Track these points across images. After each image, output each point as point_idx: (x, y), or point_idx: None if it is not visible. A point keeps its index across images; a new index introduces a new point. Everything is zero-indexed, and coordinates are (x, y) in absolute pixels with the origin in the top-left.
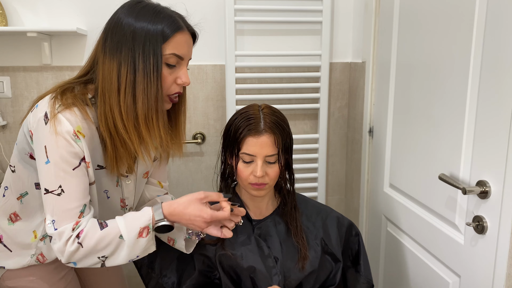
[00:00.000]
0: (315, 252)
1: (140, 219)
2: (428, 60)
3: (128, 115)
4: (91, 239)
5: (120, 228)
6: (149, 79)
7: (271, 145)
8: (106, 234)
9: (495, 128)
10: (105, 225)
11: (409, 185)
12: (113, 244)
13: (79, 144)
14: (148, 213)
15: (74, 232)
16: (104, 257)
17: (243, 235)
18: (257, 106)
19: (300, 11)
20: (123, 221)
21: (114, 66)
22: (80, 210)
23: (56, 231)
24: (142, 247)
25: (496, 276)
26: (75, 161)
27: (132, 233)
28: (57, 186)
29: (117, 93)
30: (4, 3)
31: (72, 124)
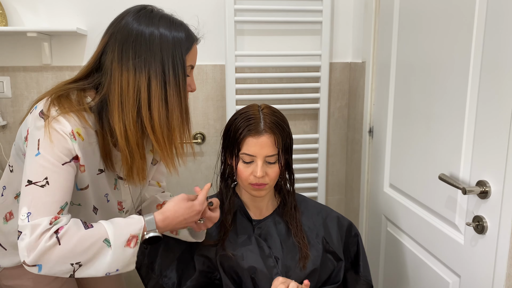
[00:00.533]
0: (317, 251)
1: (131, 226)
2: (428, 60)
3: (162, 128)
4: (71, 237)
5: (108, 231)
6: (179, 91)
7: (271, 145)
8: (90, 235)
9: (495, 128)
10: (90, 226)
11: (409, 185)
12: (94, 247)
13: (74, 144)
14: (140, 221)
15: (52, 227)
16: (79, 264)
17: (243, 236)
18: (257, 106)
19: (300, 11)
20: (111, 225)
21: (143, 80)
22: (61, 206)
23: (29, 223)
24: (127, 259)
25: (496, 276)
26: (66, 157)
27: (119, 239)
28: (43, 178)
29: (147, 107)
30: (4, 3)
31: (71, 125)
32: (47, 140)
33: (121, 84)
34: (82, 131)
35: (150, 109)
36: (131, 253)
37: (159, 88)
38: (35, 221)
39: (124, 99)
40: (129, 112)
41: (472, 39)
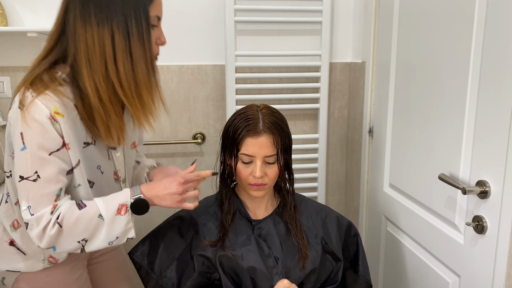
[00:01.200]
0: (316, 251)
1: (118, 197)
2: (428, 60)
3: (129, 82)
4: (69, 218)
5: (99, 207)
6: (143, 43)
7: (270, 145)
8: (84, 213)
9: (495, 128)
10: (83, 205)
11: (409, 185)
12: (92, 224)
13: (56, 127)
14: (126, 191)
15: (53, 215)
16: (84, 240)
17: (243, 236)
18: (256, 106)
19: (300, 11)
20: (101, 200)
21: (106, 34)
22: (56, 194)
23: (33, 217)
24: (121, 227)
25: (495, 276)
26: (52, 146)
27: (110, 210)
28: (33, 172)
29: (113, 61)
30: (4, 3)
31: (48, 107)
32: (29, 132)
33: (86, 41)
34: (60, 108)
35: (115, 63)
36: (123, 220)
37: (122, 41)
38: (37, 214)
39: (90, 56)
40: (97, 68)
41: (472, 39)
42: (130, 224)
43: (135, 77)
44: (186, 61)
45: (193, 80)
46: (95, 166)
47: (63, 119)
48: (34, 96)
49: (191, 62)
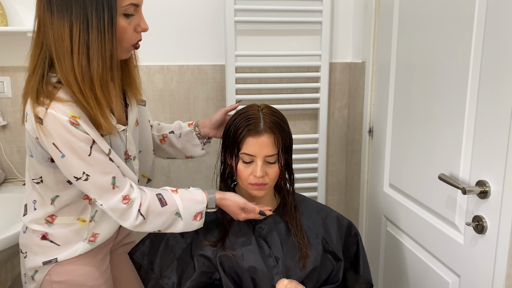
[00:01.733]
0: (317, 250)
1: (196, 205)
2: (428, 60)
3: (84, 78)
4: (152, 212)
5: (178, 206)
6: (103, 37)
7: (271, 145)
8: (166, 210)
9: (494, 128)
10: (165, 203)
11: (409, 185)
12: (170, 219)
13: (80, 129)
14: (203, 200)
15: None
16: (159, 230)
17: (243, 236)
18: (257, 106)
19: (300, 11)
20: (179, 199)
21: (65, 26)
22: (111, 183)
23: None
24: (194, 227)
25: (495, 276)
26: (86, 148)
27: (189, 215)
28: (81, 173)
29: (70, 55)
30: (4, 3)
31: (64, 114)
32: (59, 141)
33: (53, 34)
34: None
35: (72, 56)
36: (197, 224)
37: (80, 34)
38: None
39: (57, 48)
40: (63, 61)
41: (472, 39)
42: (201, 225)
43: (91, 73)
44: (186, 61)
45: (193, 80)
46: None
47: (81, 120)
48: (47, 108)
49: (191, 62)
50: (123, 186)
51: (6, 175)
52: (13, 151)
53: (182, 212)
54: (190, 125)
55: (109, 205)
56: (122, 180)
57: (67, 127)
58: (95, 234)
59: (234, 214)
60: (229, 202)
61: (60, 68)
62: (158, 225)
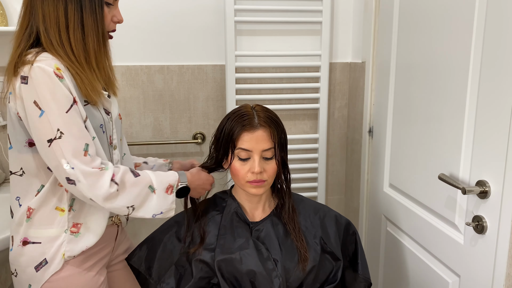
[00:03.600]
0: (315, 251)
1: (169, 177)
2: (428, 60)
3: (79, 50)
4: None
5: (151, 178)
6: (95, 16)
7: (267, 139)
8: (140, 180)
9: (494, 128)
10: (137, 174)
11: (409, 185)
12: (143, 192)
13: (64, 83)
14: (174, 174)
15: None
16: (133, 207)
17: (241, 239)
18: (249, 105)
19: (300, 11)
20: (151, 173)
21: (60, 6)
22: (83, 149)
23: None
24: (168, 205)
25: (495, 275)
26: (66, 103)
27: (161, 186)
28: (56, 130)
29: (65, 30)
30: (4, 3)
31: (50, 66)
32: (41, 95)
33: (43, 12)
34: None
35: (67, 32)
36: (170, 199)
37: (75, 13)
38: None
39: (47, 25)
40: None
41: (472, 39)
42: (174, 204)
43: (84, 46)
44: (186, 61)
45: (193, 80)
46: (99, 125)
47: (66, 75)
48: (32, 64)
49: (191, 62)
50: (95, 158)
51: (6, 175)
52: None
53: (155, 183)
54: (165, 161)
55: (80, 168)
56: (94, 152)
57: (52, 77)
58: (76, 224)
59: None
60: (202, 175)
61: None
62: (132, 197)
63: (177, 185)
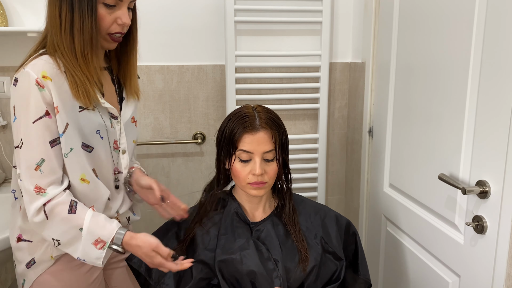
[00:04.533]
0: (316, 251)
1: (104, 230)
2: (428, 60)
3: (69, 50)
4: (57, 215)
5: (85, 222)
6: (84, 18)
7: (268, 141)
8: (71, 219)
9: (494, 128)
10: (74, 211)
11: (409, 185)
12: (71, 232)
13: (43, 94)
14: (112, 230)
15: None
16: (58, 241)
17: (241, 239)
18: (250, 106)
19: (300, 11)
20: (90, 217)
21: (56, 5)
22: (36, 163)
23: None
24: (93, 256)
25: (495, 275)
26: (35, 114)
27: (90, 235)
28: (19, 139)
29: (59, 30)
30: (4, 3)
31: (36, 72)
32: (18, 102)
33: (48, 11)
34: (49, 72)
35: (61, 34)
36: (96, 253)
37: (67, 13)
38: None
39: (52, 24)
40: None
41: (472, 39)
42: (100, 260)
43: (74, 47)
44: (186, 61)
45: (193, 80)
46: (94, 131)
47: (52, 82)
48: (24, 68)
49: (191, 62)
50: (47, 175)
51: (6, 175)
52: (13, 151)
53: (85, 230)
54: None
55: (24, 184)
56: (51, 170)
57: (31, 85)
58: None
59: (146, 258)
60: (139, 242)
61: (51, 42)
62: (58, 232)
63: (110, 243)
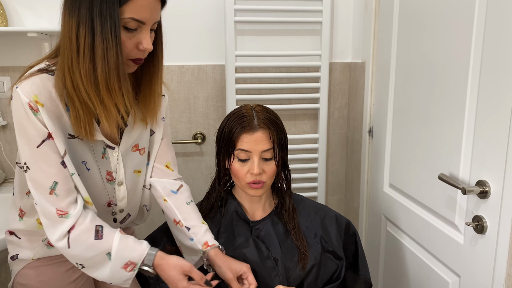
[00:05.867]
0: (315, 250)
1: (133, 252)
2: (428, 60)
3: (88, 80)
4: (81, 243)
5: (113, 246)
6: (107, 43)
7: (267, 140)
8: (96, 247)
9: (494, 128)
10: (100, 236)
11: (409, 185)
12: (98, 258)
13: (38, 117)
14: (143, 252)
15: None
16: (82, 265)
17: (241, 238)
18: (249, 105)
19: (300, 11)
20: (118, 240)
21: (73, 26)
22: (50, 187)
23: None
24: (122, 279)
25: (495, 275)
26: (37, 138)
27: (120, 259)
28: (23, 162)
29: (76, 54)
30: (4, 3)
31: (27, 95)
32: (17, 123)
33: (63, 29)
34: (41, 97)
35: (78, 57)
36: (126, 276)
37: (86, 36)
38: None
39: (64, 44)
40: (67, 57)
41: (472, 39)
42: (129, 281)
43: (96, 77)
44: (186, 61)
45: (193, 80)
46: (80, 161)
47: (43, 108)
48: (17, 87)
49: (191, 62)
50: (64, 197)
51: (6, 175)
52: (13, 151)
53: (114, 253)
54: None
55: (42, 206)
56: (66, 191)
57: (25, 109)
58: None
59: (174, 280)
60: (171, 263)
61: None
62: (82, 259)
63: (141, 265)
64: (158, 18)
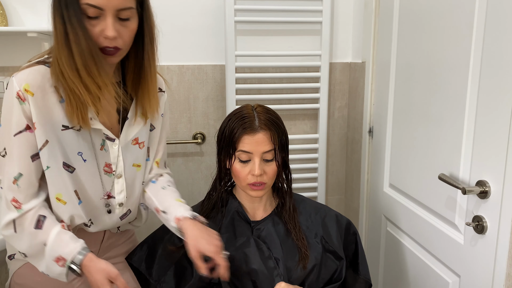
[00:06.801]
0: (316, 250)
1: (66, 248)
2: (428, 60)
3: (69, 66)
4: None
5: (49, 238)
6: (76, 30)
7: (268, 141)
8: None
9: (495, 128)
10: (40, 226)
11: (409, 185)
12: (36, 248)
13: (23, 107)
14: (74, 249)
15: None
16: (24, 254)
17: (242, 238)
18: (250, 106)
19: (300, 11)
20: (56, 233)
21: (52, 16)
22: (14, 176)
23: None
24: (55, 273)
25: (495, 276)
26: (16, 127)
27: (52, 252)
28: (3, 148)
29: (56, 43)
30: (4, 3)
31: (19, 84)
32: (3, 110)
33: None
34: (32, 86)
35: (57, 46)
36: (58, 270)
37: (60, 25)
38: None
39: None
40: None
41: (472, 39)
42: (63, 276)
43: (75, 63)
44: (186, 61)
45: (193, 80)
46: (75, 152)
47: (33, 98)
48: (13, 76)
49: (191, 62)
50: (24, 190)
51: None
52: None
53: (48, 246)
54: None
55: (4, 192)
56: (29, 184)
57: (12, 97)
58: None
59: (97, 285)
60: (98, 266)
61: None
62: (24, 246)
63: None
64: (121, 5)
